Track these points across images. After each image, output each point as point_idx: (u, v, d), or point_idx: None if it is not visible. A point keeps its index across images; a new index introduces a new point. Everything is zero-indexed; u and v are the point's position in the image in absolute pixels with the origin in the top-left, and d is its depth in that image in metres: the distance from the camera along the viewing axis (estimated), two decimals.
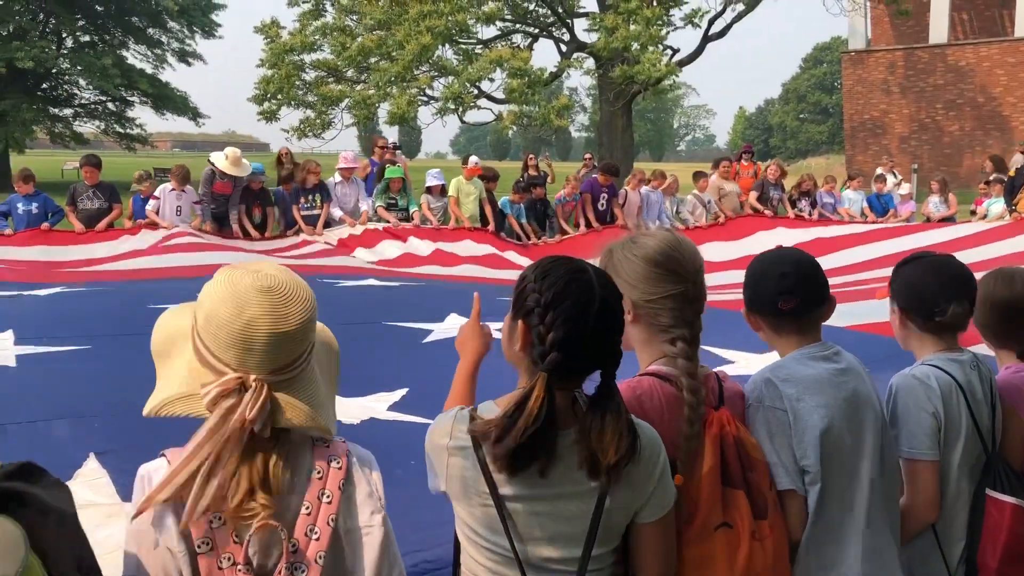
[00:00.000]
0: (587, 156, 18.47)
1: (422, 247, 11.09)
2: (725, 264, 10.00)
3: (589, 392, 1.75)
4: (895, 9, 27.11)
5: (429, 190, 12.08)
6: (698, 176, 14.06)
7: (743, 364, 4.58)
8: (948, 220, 13.47)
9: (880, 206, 14.16)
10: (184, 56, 38.43)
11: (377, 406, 4.42)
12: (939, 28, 31.18)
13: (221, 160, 10.93)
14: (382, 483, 1.66)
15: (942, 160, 30.20)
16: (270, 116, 23.48)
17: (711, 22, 24.62)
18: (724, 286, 8.20)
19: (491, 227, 11.87)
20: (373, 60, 22.52)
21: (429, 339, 5.89)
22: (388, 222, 11.56)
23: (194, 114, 37.24)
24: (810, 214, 13.60)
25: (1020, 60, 29.35)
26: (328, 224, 11.47)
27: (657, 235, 2.08)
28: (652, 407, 1.90)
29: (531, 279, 1.74)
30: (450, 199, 11.95)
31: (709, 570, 1.84)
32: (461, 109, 21.92)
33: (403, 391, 4.61)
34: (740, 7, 24.58)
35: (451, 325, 6.08)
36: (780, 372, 2.08)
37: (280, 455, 1.56)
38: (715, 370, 2.10)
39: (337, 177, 11.91)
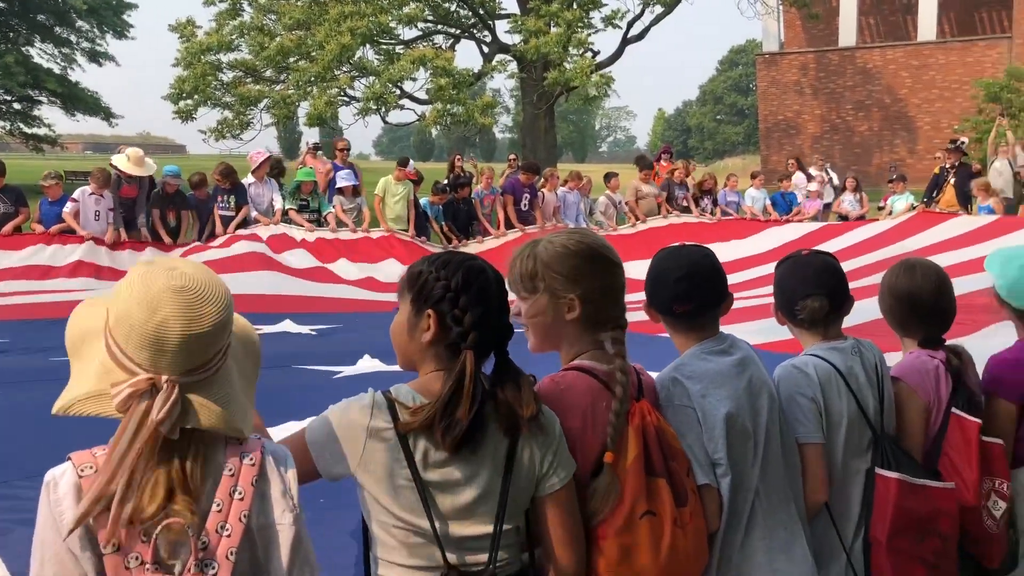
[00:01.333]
0: (512, 157, 18.54)
1: (341, 269, 10.85)
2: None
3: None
4: (806, 13, 27.98)
5: (340, 191, 11.86)
6: (609, 177, 14.27)
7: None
8: (861, 218, 13.98)
9: (784, 204, 14.63)
10: (95, 56, 37.20)
11: (287, 435, 4.46)
12: (848, 31, 32.29)
13: (123, 162, 10.55)
14: (296, 482, 1.65)
15: (853, 159, 31.25)
16: (186, 116, 22.90)
17: (630, 25, 24.98)
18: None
19: (411, 231, 11.76)
20: (292, 60, 22.18)
21: (340, 376, 5.94)
22: (300, 225, 11.37)
23: (106, 115, 36.05)
24: (712, 212, 14.06)
25: (923, 63, 30.59)
26: (244, 226, 11.25)
27: (579, 232, 2.16)
28: (576, 400, 1.95)
29: (430, 271, 1.82)
30: (375, 197, 11.77)
31: (635, 558, 1.89)
32: (384, 109, 21.77)
33: (312, 419, 4.62)
34: (658, 9, 25.00)
35: (363, 367, 6.10)
36: (684, 370, 2.16)
37: (197, 455, 1.54)
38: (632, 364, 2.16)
39: (250, 178, 11.66)
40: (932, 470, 2.44)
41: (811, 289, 2.42)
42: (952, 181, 13.51)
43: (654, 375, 2.20)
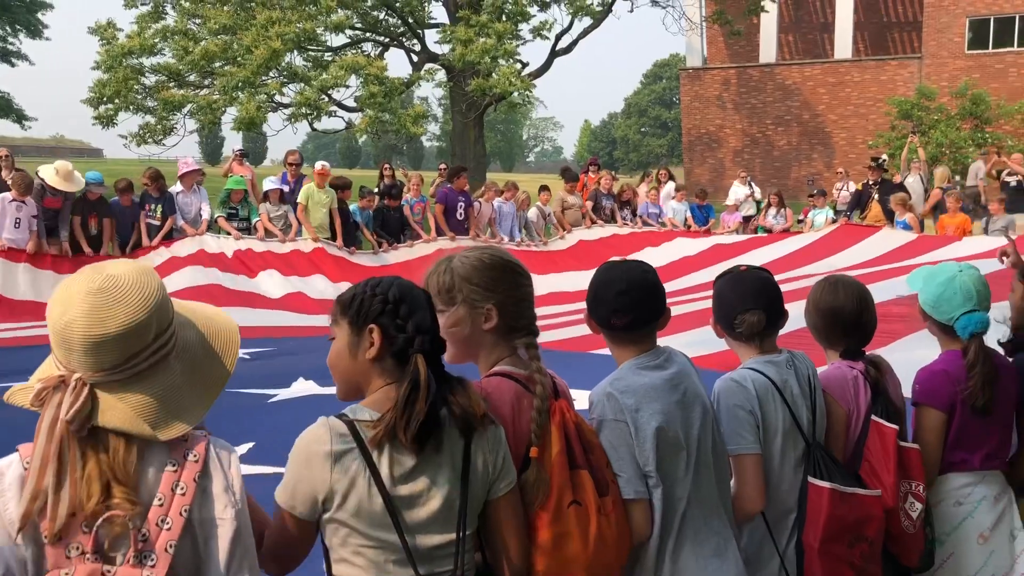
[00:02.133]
0: (441, 166, 18.60)
1: (272, 286, 10.64)
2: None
3: None
4: (728, 29, 28.75)
5: (267, 196, 11.68)
6: (542, 190, 14.56)
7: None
8: (786, 231, 14.48)
9: (701, 216, 15.14)
10: (7, 56, 35.96)
11: None
12: (768, 48, 33.24)
13: (51, 176, 10.21)
14: (240, 479, 1.69)
15: (772, 172, 32.14)
16: (107, 121, 22.30)
17: (558, 37, 25.28)
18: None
19: (339, 241, 11.64)
20: (217, 65, 21.80)
21: (274, 400, 5.90)
22: (228, 233, 11.18)
23: (19, 116, 34.88)
24: (632, 223, 14.50)
25: (839, 80, 31.65)
26: (170, 236, 11.01)
27: (489, 247, 2.32)
28: (502, 402, 2.05)
29: (364, 292, 1.91)
30: (298, 206, 11.57)
31: (567, 546, 2.00)
32: (315, 116, 21.58)
33: (249, 444, 4.64)
34: (586, 22, 25.38)
35: (298, 389, 6.08)
36: (618, 384, 2.24)
37: (129, 448, 1.57)
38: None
39: (178, 186, 11.42)
40: (854, 475, 2.58)
41: (749, 304, 2.53)
42: (876, 197, 14.05)
43: (586, 393, 2.30)
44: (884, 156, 16.17)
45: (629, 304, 2.28)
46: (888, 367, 2.82)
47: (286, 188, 12.07)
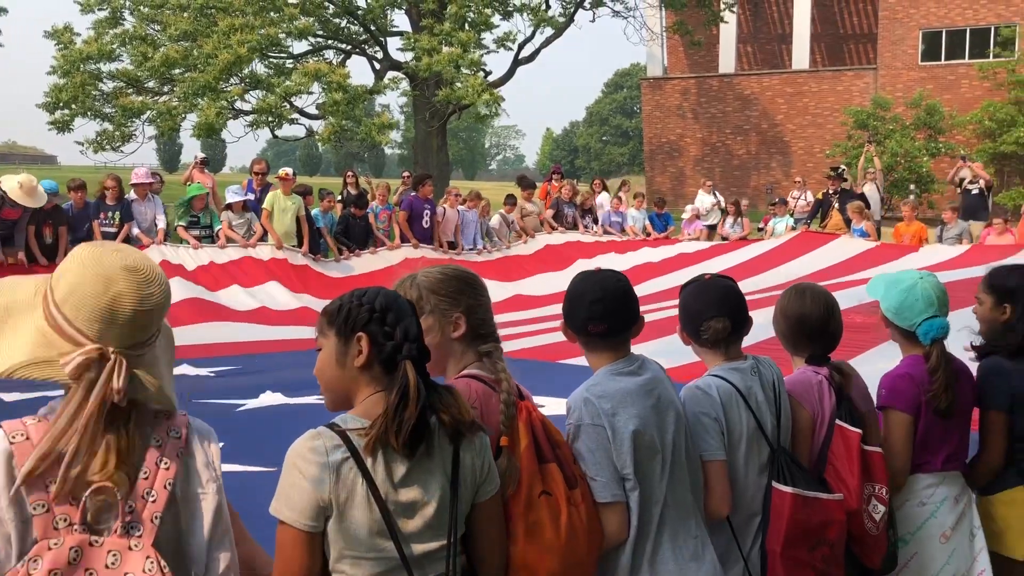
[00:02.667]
0: (405, 174, 18.53)
1: (235, 300, 10.41)
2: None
3: None
4: (688, 40, 29.07)
5: (230, 207, 11.56)
6: (508, 199, 14.73)
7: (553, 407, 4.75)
8: (743, 239, 14.71)
9: (661, 224, 15.48)
10: None
11: None
12: (727, 59, 33.69)
13: (15, 190, 10.00)
14: (220, 457, 1.77)
15: (732, 181, 32.53)
16: (63, 127, 21.93)
17: (521, 46, 25.38)
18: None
19: (305, 247, 11.56)
20: (178, 72, 21.55)
21: (242, 409, 5.85)
22: (187, 242, 11.03)
23: None
24: (594, 230, 14.76)
25: (797, 90, 32.16)
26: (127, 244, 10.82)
27: (446, 264, 2.46)
28: (470, 401, 2.09)
29: (351, 302, 1.94)
30: (263, 211, 11.46)
31: (540, 534, 2.06)
32: (277, 123, 21.42)
33: (219, 444, 4.59)
34: (548, 31, 25.52)
35: (266, 400, 6.05)
36: (595, 389, 2.30)
37: (136, 426, 1.65)
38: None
39: (133, 195, 11.21)
40: (819, 478, 2.63)
41: (714, 312, 2.59)
42: (837, 206, 14.31)
43: (560, 400, 2.35)
44: (843, 166, 16.45)
45: (604, 312, 2.34)
46: (853, 372, 2.89)
47: (251, 197, 11.95)
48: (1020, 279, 3.15)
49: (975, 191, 15.66)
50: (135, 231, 10.92)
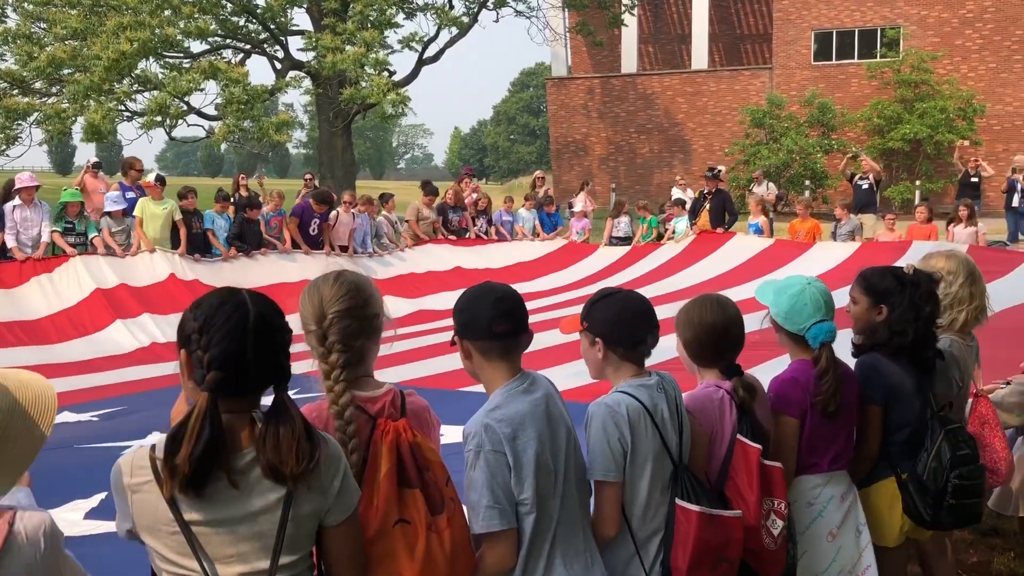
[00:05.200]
0: (307, 176, 18.23)
1: (120, 336, 9.76)
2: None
3: None
4: (591, 40, 29.37)
5: (109, 215, 11.14)
6: (385, 198, 14.60)
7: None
8: (628, 239, 15.05)
9: (550, 224, 15.80)
10: None
11: (73, 516, 4.28)
12: (629, 58, 34.22)
13: None
14: (58, 543, 1.69)
15: (636, 179, 33.07)
16: None
17: (425, 46, 25.22)
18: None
19: (181, 249, 11.16)
20: (66, 72, 20.62)
21: (129, 451, 5.55)
22: (63, 251, 10.49)
23: None
24: (487, 232, 14.94)
25: (697, 90, 32.88)
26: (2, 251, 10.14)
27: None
28: (317, 425, 2.03)
29: (189, 312, 1.83)
30: (135, 219, 11.12)
31: (392, 563, 2.02)
32: (169, 123, 20.70)
33: (101, 495, 4.48)
34: (453, 31, 25.41)
35: (153, 440, 5.73)
36: (495, 414, 2.27)
37: None
38: (399, 386, 2.31)
39: (16, 200, 10.43)
40: (719, 494, 2.66)
41: (652, 326, 2.60)
42: (708, 206, 14.64)
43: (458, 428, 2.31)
44: (720, 167, 16.90)
45: (507, 310, 2.34)
46: (761, 388, 2.93)
47: (131, 194, 11.55)
48: (894, 281, 3.27)
49: (865, 186, 16.28)
50: (11, 244, 10.20)
